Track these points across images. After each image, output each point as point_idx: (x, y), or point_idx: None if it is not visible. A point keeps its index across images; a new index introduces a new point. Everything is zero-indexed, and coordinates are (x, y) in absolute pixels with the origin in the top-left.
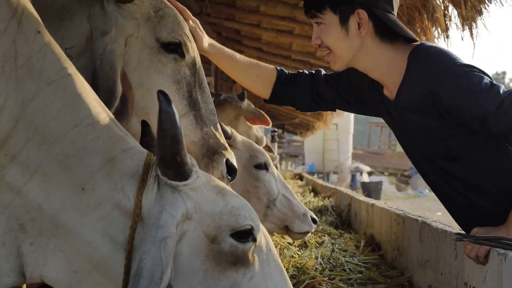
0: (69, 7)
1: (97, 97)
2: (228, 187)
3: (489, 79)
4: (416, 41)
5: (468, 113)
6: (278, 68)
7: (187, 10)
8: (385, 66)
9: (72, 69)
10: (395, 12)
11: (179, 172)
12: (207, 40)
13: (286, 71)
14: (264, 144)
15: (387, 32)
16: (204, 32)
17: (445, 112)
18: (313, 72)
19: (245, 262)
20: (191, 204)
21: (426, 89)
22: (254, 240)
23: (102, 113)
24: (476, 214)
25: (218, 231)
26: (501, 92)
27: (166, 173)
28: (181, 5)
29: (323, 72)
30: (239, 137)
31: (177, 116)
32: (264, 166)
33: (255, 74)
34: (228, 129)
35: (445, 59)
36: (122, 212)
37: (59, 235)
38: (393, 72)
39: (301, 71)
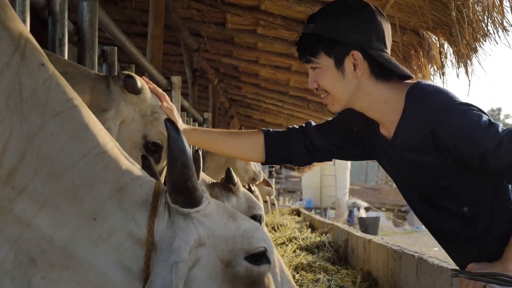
0: (72, 75)
1: (103, 127)
2: (238, 212)
3: (487, 117)
4: (412, 77)
5: (468, 151)
6: (264, 129)
7: (166, 96)
8: (382, 105)
9: (78, 100)
10: (389, 50)
11: (191, 198)
12: (181, 125)
13: (272, 130)
14: (261, 179)
15: (382, 71)
16: (179, 117)
17: (445, 150)
18: (303, 125)
19: (260, 284)
20: (204, 230)
21: (426, 128)
22: (268, 261)
23: (109, 143)
24: (471, 250)
25: (232, 255)
26: (499, 130)
27: (177, 200)
28: (160, 90)
29: (313, 123)
30: (241, 188)
31: (186, 143)
32: (258, 219)
33: (239, 144)
34: (235, 178)
35: (443, 97)
36: (134, 241)
37: (72, 267)
38: (390, 111)
39: (290, 127)
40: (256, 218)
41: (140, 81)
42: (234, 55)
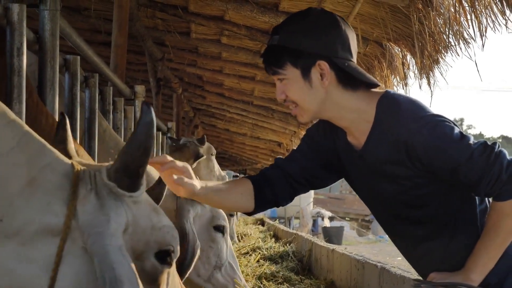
0: None
1: (14, 116)
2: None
3: (458, 129)
4: (378, 85)
5: (440, 163)
6: (248, 176)
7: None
8: (352, 114)
9: None
10: (355, 58)
11: (135, 183)
12: (198, 184)
13: (257, 176)
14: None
15: (349, 80)
16: (193, 177)
17: (417, 161)
18: (273, 163)
19: (157, 286)
20: (131, 216)
21: (399, 138)
22: (170, 264)
23: (22, 134)
24: (436, 261)
25: (146, 247)
26: (471, 143)
27: (121, 181)
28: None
29: (281, 158)
30: None
31: (154, 130)
32: (222, 230)
33: (239, 192)
34: None
35: (415, 108)
36: (49, 230)
37: None
38: (360, 120)
39: (263, 170)
40: (220, 228)
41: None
42: (199, 65)
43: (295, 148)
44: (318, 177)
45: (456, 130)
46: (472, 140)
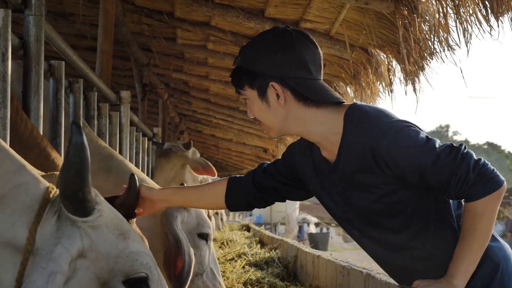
0: None
1: None
2: (134, 231)
3: (424, 133)
4: (341, 102)
5: (407, 167)
6: (230, 177)
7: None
8: (319, 128)
9: None
10: (319, 74)
11: (80, 208)
12: (157, 194)
13: (236, 177)
14: None
15: (307, 97)
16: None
17: (385, 167)
18: (255, 169)
19: None
20: (88, 242)
21: (365, 145)
22: None
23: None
24: (415, 268)
25: (110, 275)
26: (436, 146)
27: (66, 206)
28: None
29: (265, 164)
30: None
31: (87, 151)
32: (206, 237)
33: (206, 188)
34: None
35: (380, 115)
36: (14, 250)
37: None
38: (329, 133)
39: (249, 172)
40: (204, 236)
41: None
42: (184, 70)
43: (277, 159)
44: (289, 191)
45: (422, 134)
46: (438, 143)
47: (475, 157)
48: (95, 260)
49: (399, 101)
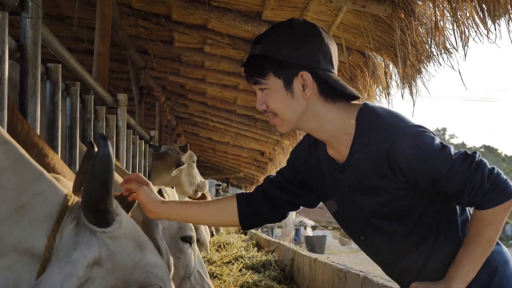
0: None
1: (11, 139)
2: (151, 243)
3: (439, 139)
4: (359, 97)
5: (421, 173)
6: (238, 194)
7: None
8: (331, 126)
9: None
10: (336, 70)
11: (101, 219)
12: (159, 202)
13: (244, 194)
14: (206, 189)
15: (330, 91)
16: (155, 194)
17: (399, 171)
18: (262, 183)
19: None
20: (106, 252)
21: (380, 150)
22: None
23: (18, 157)
24: (416, 270)
25: (125, 285)
26: (452, 153)
27: (87, 216)
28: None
29: (271, 176)
30: None
31: (112, 164)
32: (189, 240)
33: (215, 207)
34: (167, 198)
35: (395, 119)
36: (31, 258)
37: None
38: (340, 132)
39: (257, 187)
40: (187, 239)
41: None
42: (181, 73)
43: (281, 168)
44: (300, 195)
45: (437, 140)
46: (453, 150)
47: (488, 166)
48: (111, 270)
49: (395, 104)
